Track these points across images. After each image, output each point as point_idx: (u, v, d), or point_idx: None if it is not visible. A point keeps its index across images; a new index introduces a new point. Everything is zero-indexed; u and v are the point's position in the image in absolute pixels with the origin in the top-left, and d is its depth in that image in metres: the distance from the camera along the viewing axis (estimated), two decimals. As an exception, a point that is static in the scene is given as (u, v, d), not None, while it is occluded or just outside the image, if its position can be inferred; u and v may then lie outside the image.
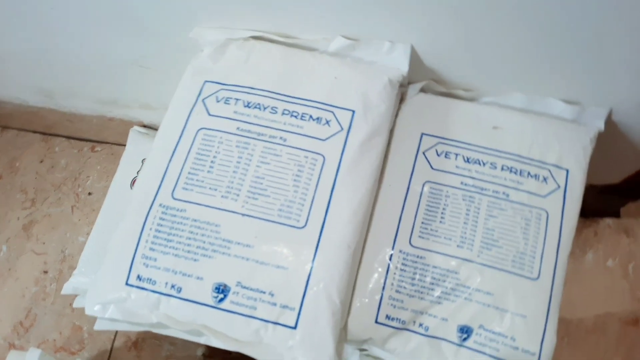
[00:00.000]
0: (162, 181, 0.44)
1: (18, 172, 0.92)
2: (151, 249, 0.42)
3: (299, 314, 0.39)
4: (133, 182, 0.76)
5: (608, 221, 0.85)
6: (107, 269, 0.42)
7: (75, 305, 0.75)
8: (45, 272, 0.84)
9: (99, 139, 0.92)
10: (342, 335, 0.45)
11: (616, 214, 0.85)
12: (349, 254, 0.41)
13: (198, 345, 0.78)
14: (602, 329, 0.79)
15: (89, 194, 0.89)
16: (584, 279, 0.82)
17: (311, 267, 0.40)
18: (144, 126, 0.81)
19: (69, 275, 0.83)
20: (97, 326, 0.72)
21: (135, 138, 0.80)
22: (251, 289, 0.40)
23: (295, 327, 0.39)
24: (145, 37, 0.54)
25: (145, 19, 0.51)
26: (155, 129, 0.82)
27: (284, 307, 0.40)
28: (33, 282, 0.83)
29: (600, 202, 0.77)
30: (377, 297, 0.47)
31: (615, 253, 0.84)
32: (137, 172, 0.76)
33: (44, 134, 0.94)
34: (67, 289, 0.71)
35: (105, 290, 0.42)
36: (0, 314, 0.81)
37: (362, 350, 0.49)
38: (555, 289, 0.46)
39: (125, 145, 0.90)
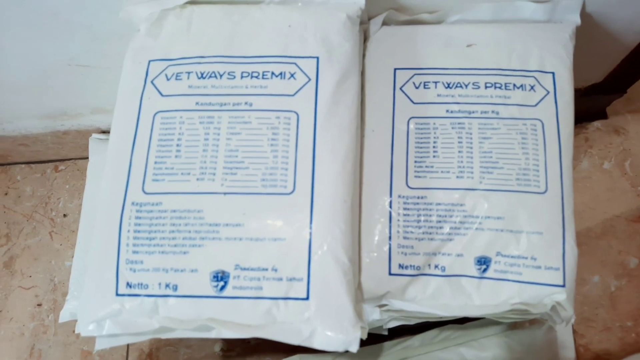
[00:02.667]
0: (128, 178, 0.40)
1: (-16, 210, 0.86)
2: (134, 252, 0.38)
3: (308, 283, 0.36)
4: (105, 192, 0.71)
5: (597, 124, 0.84)
6: (92, 285, 0.39)
7: (77, 330, 0.72)
8: (39, 305, 0.80)
9: (59, 157, 0.86)
10: (359, 296, 0.42)
11: (603, 115, 0.83)
12: (346, 208, 0.38)
13: (215, 341, 0.75)
14: (612, 232, 0.78)
15: (64, 215, 0.84)
16: (584, 187, 0.81)
17: (310, 232, 0.37)
18: (102, 132, 0.76)
19: (64, 302, 0.79)
20: (98, 345, 0.69)
21: (96, 147, 0.75)
22: (252, 269, 0.37)
23: (307, 298, 0.36)
24: (70, 32, 0.49)
25: (63, 11, 0.46)
26: (116, 132, 0.77)
27: (291, 279, 0.37)
28: (29, 318, 0.79)
29: (586, 105, 0.75)
30: (386, 249, 0.44)
31: (609, 154, 0.82)
32: (98, 199, 0.71)
33: (0, 164, 0.89)
34: (64, 316, 0.67)
35: (96, 307, 0.38)
36: (2, 358, 0.77)
37: (381, 306, 0.46)
38: (566, 197, 0.44)
39: (88, 157, 0.85)
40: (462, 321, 0.60)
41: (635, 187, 0.81)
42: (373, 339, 0.67)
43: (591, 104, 0.75)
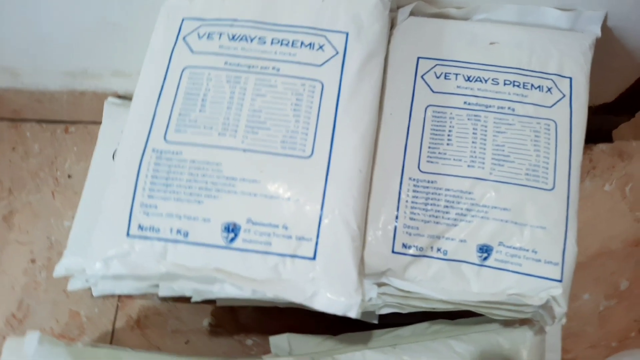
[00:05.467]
0: (151, 126, 0.41)
1: (-11, 162, 0.87)
2: (150, 196, 0.39)
3: (316, 243, 0.37)
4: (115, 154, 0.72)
5: (602, 147, 0.85)
6: (105, 224, 0.39)
7: (70, 288, 0.72)
8: (33, 261, 0.80)
9: (72, 119, 0.87)
10: (360, 269, 0.43)
11: (609, 138, 0.85)
12: (361, 178, 0.39)
13: (204, 316, 0.76)
14: (607, 252, 0.79)
15: (69, 176, 0.85)
16: (585, 206, 0.82)
17: (324, 195, 0.38)
18: (119, 97, 0.77)
19: (59, 261, 0.79)
20: (97, 292, 0.69)
21: (111, 110, 0.76)
22: (263, 225, 0.38)
23: (314, 258, 0.37)
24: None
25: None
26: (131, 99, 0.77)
27: (300, 238, 0.37)
28: (21, 272, 0.79)
29: (594, 124, 0.76)
30: (391, 227, 0.45)
31: (611, 177, 0.84)
32: (119, 144, 0.72)
33: (12, 120, 0.89)
34: (59, 270, 0.68)
35: (106, 246, 0.39)
36: (-9, 309, 0.77)
37: (380, 285, 0.47)
38: (572, 197, 0.45)
39: (99, 123, 0.86)
40: (453, 317, 0.61)
41: (634, 211, 0.82)
42: (362, 327, 0.68)
43: (599, 124, 0.77)
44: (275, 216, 0.38)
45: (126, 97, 0.77)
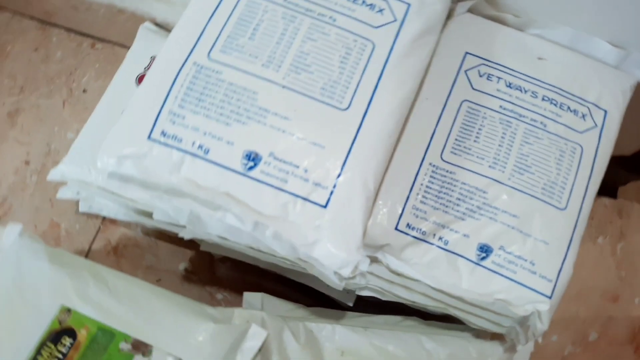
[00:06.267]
0: (198, 40, 0.40)
1: (9, 56, 0.86)
2: (180, 106, 0.38)
3: (331, 193, 0.37)
4: (140, 78, 0.71)
5: (605, 200, 0.86)
6: (128, 121, 0.39)
7: (59, 195, 0.71)
8: (27, 162, 0.79)
9: (101, 36, 0.86)
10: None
11: (613, 194, 0.86)
12: (389, 143, 0.39)
13: (182, 260, 0.75)
14: (584, 301, 0.80)
15: (84, 91, 0.84)
16: (575, 251, 0.83)
17: (350, 149, 0.38)
18: (156, 24, 0.76)
19: (52, 169, 0.78)
20: (84, 208, 0.68)
21: (145, 34, 0.75)
22: (284, 162, 0.38)
23: (325, 206, 0.37)
24: None
25: None
26: (167, 30, 0.77)
27: (317, 184, 0.37)
28: (12, 171, 0.78)
29: (606, 174, 0.77)
30: (400, 205, 0.45)
31: (606, 231, 0.85)
32: (145, 69, 0.71)
33: (42, 21, 0.88)
34: (54, 174, 0.67)
35: (124, 143, 0.38)
36: (-27, 199, 0.76)
37: (373, 261, 0.47)
38: (580, 222, 0.46)
39: (129, 48, 0.85)
40: (426, 317, 0.61)
41: (619, 269, 0.83)
42: (335, 307, 0.68)
43: (610, 176, 0.78)
44: (297, 157, 0.38)
45: (162, 27, 0.76)
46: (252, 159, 0.38)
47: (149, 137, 0.38)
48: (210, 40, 0.40)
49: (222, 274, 0.74)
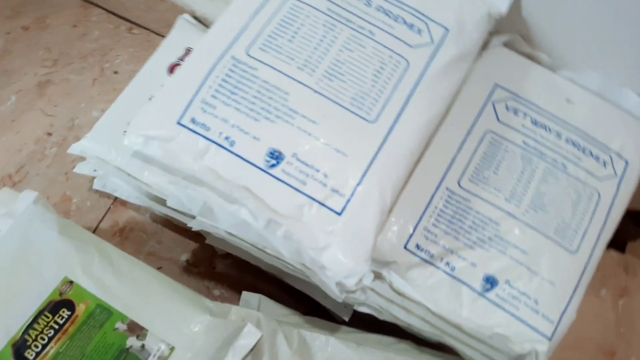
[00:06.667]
0: (239, 36, 0.41)
1: (47, 29, 0.88)
2: (213, 96, 0.39)
3: (347, 201, 0.37)
4: (172, 68, 0.72)
5: (612, 253, 0.85)
6: (160, 104, 0.40)
7: (76, 170, 0.72)
8: (49, 134, 0.80)
9: (139, 22, 0.88)
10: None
11: (622, 248, 0.85)
12: (411, 160, 0.40)
13: (185, 251, 0.76)
14: (580, 350, 0.79)
15: (115, 72, 0.85)
16: (576, 299, 0.82)
17: (371, 161, 0.39)
18: (195, 17, 0.78)
19: (73, 143, 0.79)
20: (98, 185, 0.69)
21: (183, 25, 0.77)
22: (306, 164, 0.38)
23: (340, 213, 0.37)
24: None
25: None
26: (205, 24, 0.78)
27: (335, 191, 0.38)
28: (33, 140, 0.79)
29: (617, 227, 0.77)
30: (412, 224, 0.45)
31: (609, 285, 0.84)
32: (178, 59, 0.73)
33: (84, 0, 0.90)
34: (75, 148, 0.68)
35: (153, 124, 0.39)
36: (-8, 162, 0.77)
37: (376, 277, 0.47)
38: (589, 268, 0.46)
39: (164, 36, 0.87)
40: (420, 343, 0.60)
41: (619, 325, 0.82)
42: (329, 320, 0.68)
43: (621, 229, 0.77)
44: (319, 161, 0.38)
45: (200, 20, 0.78)
46: (276, 157, 0.38)
47: (179, 121, 0.39)
48: (250, 36, 0.41)
49: (221, 270, 0.74)
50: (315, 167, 0.38)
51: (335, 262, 0.37)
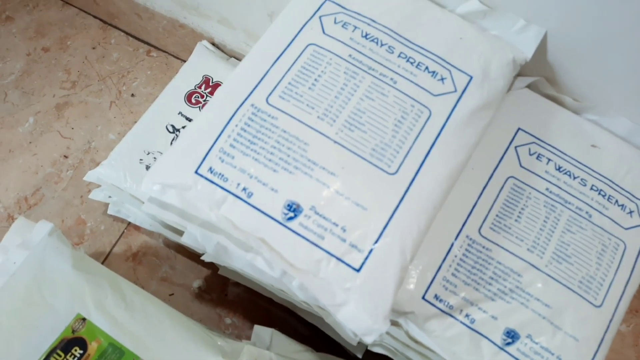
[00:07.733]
0: (259, 83, 0.41)
1: (67, 50, 0.88)
2: (232, 145, 0.39)
3: (366, 257, 0.36)
4: (189, 96, 0.72)
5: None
6: (178, 152, 0.39)
7: (91, 196, 0.72)
8: (66, 156, 0.80)
9: (158, 45, 0.88)
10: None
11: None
12: (432, 214, 0.39)
13: (197, 277, 0.75)
14: (598, 389, 0.76)
15: (132, 95, 0.85)
16: (595, 335, 0.80)
17: (392, 215, 0.38)
18: (213, 44, 0.78)
19: (89, 167, 0.80)
20: (112, 211, 0.69)
21: (201, 51, 0.77)
22: (324, 218, 0.37)
23: (358, 270, 0.36)
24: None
25: None
26: (223, 51, 0.78)
27: (353, 246, 0.37)
28: (50, 162, 0.80)
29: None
30: (431, 273, 0.44)
31: (631, 320, 0.82)
32: (195, 86, 0.73)
33: (104, 22, 0.91)
34: (90, 176, 0.68)
35: (171, 173, 0.39)
36: (8, 183, 0.78)
37: (394, 324, 0.46)
38: (614, 322, 0.44)
39: (183, 60, 0.87)
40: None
41: (639, 362, 0.80)
42: (341, 353, 0.67)
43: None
44: (338, 215, 0.37)
45: (218, 47, 0.78)
46: (293, 209, 0.37)
47: (196, 171, 0.38)
48: (271, 84, 0.41)
49: (233, 298, 0.74)
50: (334, 220, 0.37)
51: (353, 318, 0.36)
